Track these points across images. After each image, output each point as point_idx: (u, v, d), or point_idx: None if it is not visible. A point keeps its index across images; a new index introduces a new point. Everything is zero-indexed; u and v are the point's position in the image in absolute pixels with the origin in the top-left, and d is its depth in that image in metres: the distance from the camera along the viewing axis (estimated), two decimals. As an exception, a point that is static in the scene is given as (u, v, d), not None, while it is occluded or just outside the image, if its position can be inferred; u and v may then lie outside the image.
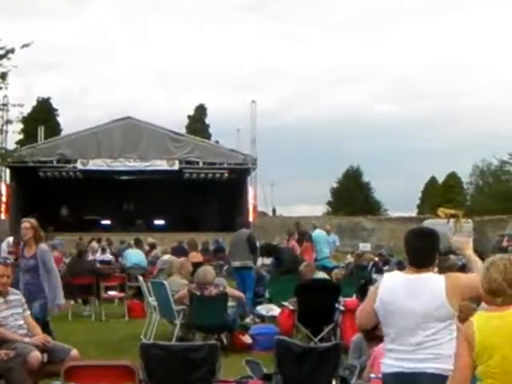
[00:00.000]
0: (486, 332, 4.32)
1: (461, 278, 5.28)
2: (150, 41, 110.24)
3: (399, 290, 5.10)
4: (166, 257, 18.27)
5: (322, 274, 15.09)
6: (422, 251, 5.20)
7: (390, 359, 5.06)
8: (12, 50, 27.66)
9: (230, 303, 12.60)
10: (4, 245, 25.76)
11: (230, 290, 13.01)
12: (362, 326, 6.63)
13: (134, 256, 20.96)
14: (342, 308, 12.27)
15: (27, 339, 7.93)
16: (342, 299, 12.46)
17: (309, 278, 13.64)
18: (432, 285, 5.08)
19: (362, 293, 13.75)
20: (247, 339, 12.43)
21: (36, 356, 7.59)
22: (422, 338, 4.98)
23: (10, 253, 21.01)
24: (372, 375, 6.90)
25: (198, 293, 12.08)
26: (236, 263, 15.62)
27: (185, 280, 13.38)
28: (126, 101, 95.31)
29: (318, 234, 23.50)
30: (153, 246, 24.01)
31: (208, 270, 12.75)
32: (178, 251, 21.04)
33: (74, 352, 7.97)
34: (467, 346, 4.32)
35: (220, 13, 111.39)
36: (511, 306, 4.39)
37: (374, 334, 7.81)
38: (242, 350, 11.92)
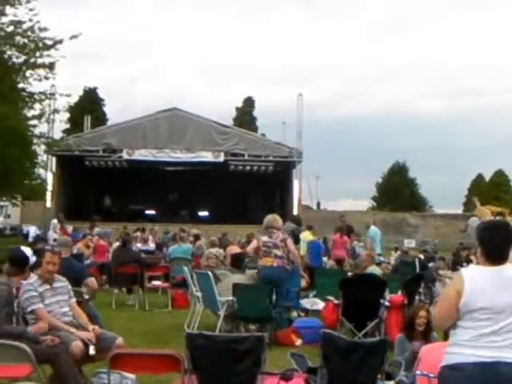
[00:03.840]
0: None
1: None
2: (199, 33, 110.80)
3: (488, 284, 5.04)
4: (215, 250, 18.09)
5: (376, 269, 14.89)
6: (502, 246, 5.17)
7: (468, 348, 4.99)
8: (60, 41, 27.86)
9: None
10: (51, 232, 26.14)
11: (291, 244, 13.16)
12: (442, 327, 6.56)
13: (179, 250, 20.84)
14: (387, 304, 12.15)
15: (73, 330, 7.89)
16: (387, 295, 12.32)
17: (364, 266, 13.65)
18: None
19: (407, 289, 13.71)
20: (294, 335, 12.36)
21: (78, 346, 7.55)
22: (506, 326, 4.95)
23: (54, 240, 21.21)
24: (417, 372, 6.83)
25: (266, 238, 12.78)
26: None
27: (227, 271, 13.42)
28: (172, 92, 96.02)
29: (373, 230, 23.37)
30: (197, 237, 24.01)
31: (276, 217, 13.36)
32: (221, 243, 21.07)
33: (120, 340, 7.96)
34: None
35: (270, 6, 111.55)
36: None
37: (413, 333, 9.03)
38: (287, 343, 11.87)
